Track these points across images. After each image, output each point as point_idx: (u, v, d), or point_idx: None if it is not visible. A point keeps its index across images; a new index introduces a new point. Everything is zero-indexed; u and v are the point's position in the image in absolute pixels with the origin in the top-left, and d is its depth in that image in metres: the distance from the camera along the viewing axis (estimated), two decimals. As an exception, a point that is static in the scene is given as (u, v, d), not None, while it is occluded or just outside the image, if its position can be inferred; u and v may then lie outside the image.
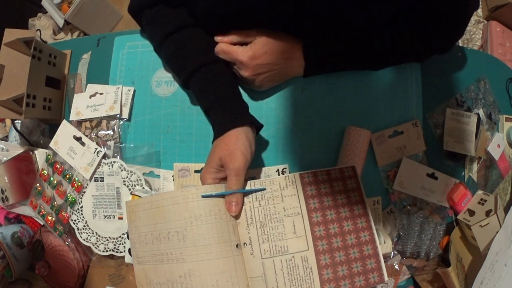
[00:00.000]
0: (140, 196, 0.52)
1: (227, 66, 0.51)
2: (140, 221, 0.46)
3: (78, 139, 0.57)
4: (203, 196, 0.44)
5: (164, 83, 0.59)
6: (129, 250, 0.54)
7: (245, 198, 0.47)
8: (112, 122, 0.58)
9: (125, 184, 0.55)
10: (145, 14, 0.53)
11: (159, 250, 0.45)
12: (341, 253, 0.45)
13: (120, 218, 0.56)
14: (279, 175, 0.54)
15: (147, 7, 0.52)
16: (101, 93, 0.59)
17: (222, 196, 0.45)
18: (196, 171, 0.55)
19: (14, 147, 0.63)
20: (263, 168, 0.55)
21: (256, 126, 0.49)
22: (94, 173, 0.56)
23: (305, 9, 0.44)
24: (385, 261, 0.54)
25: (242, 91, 0.57)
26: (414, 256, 0.55)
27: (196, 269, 0.43)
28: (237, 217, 0.46)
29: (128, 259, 0.54)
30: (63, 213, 0.57)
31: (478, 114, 0.59)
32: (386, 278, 0.46)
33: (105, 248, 0.56)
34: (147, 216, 0.46)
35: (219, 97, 0.49)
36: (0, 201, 0.61)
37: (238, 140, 0.45)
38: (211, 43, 0.50)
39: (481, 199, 0.55)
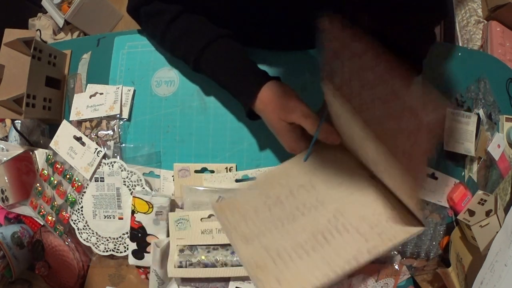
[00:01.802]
0: (141, 198, 0.52)
1: (233, 39, 0.50)
2: (246, 202, 0.41)
3: (78, 139, 0.57)
4: (305, 160, 0.42)
5: (164, 83, 0.59)
6: (132, 252, 0.54)
7: None
8: (112, 122, 0.58)
9: (125, 184, 0.55)
10: (143, 10, 0.53)
11: (284, 212, 0.40)
12: None
13: (120, 218, 0.56)
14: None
15: (144, 4, 0.52)
16: (101, 93, 0.59)
17: (317, 142, 0.42)
18: (196, 171, 0.55)
19: (14, 147, 0.63)
20: (263, 169, 0.55)
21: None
22: (94, 173, 0.56)
23: None
24: (385, 261, 0.54)
25: (242, 91, 0.57)
26: (414, 256, 0.55)
27: (343, 207, 0.39)
28: (345, 144, 0.42)
29: (131, 260, 0.54)
30: (63, 213, 0.57)
31: (478, 114, 0.59)
32: None
33: (105, 248, 0.56)
34: (252, 195, 0.42)
35: (237, 67, 0.48)
36: (0, 201, 0.61)
37: (274, 92, 0.43)
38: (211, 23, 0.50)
39: (481, 199, 0.55)
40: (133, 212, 0.53)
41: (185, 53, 0.52)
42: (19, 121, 0.63)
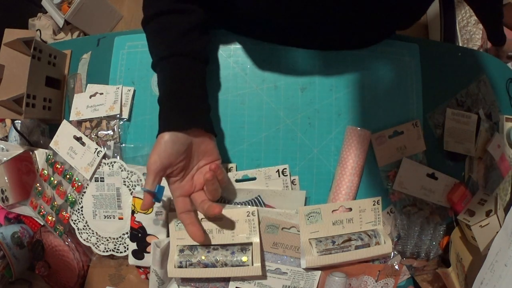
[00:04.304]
0: (141, 198, 0.52)
1: (190, 61, 0.49)
2: None
3: (79, 139, 0.57)
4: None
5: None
6: (132, 252, 0.54)
7: None
8: (112, 122, 0.58)
9: (125, 184, 0.55)
10: None
11: None
12: None
13: (121, 218, 0.56)
14: (279, 176, 0.54)
15: None
16: (101, 93, 0.59)
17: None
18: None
19: (14, 147, 0.63)
20: (263, 169, 0.55)
21: (204, 130, 0.48)
22: (94, 173, 0.56)
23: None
24: (385, 261, 0.54)
25: (242, 91, 0.57)
26: (414, 256, 0.55)
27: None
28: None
29: (131, 260, 0.54)
30: (63, 213, 0.57)
31: (478, 114, 0.59)
32: None
33: (105, 248, 0.56)
34: None
35: (165, 94, 0.48)
36: (0, 201, 0.61)
37: (160, 145, 0.45)
38: (192, 33, 0.49)
39: (481, 199, 0.55)
40: (133, 212, 0.53)
41: (151, 49, 0.51)
42: (19, 121, 0.63)
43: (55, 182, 0.58)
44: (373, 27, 0.53)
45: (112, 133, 0.58)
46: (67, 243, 0.58)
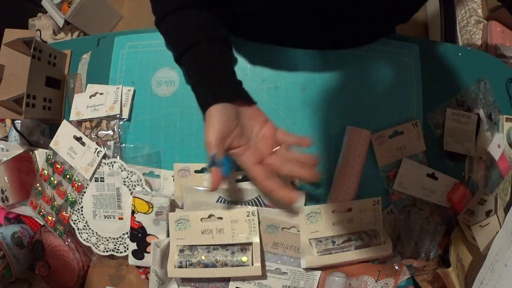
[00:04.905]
0: (141, 198, 0.52)
1: (218, 44, 0.50)
2: None
3: (79, 139, 0.57)
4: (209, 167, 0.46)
5: (164, 83, 0.59)
6: (132, 252, 0.54)
7: None
8: (112, 122, 0.58)
9: (125, 184, 0.55)
10: None
11: None
12: None
13: (120, 218, 0.55)
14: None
15: None
16: (101, 93, 0.59)
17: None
18: (196, 171, 0.55)
19: (14, 147, 0.63)
20: (263, 168, 0.54)
21: (244, 100, 0.49)
22: (94, 173, 0.56)
23: None
24: (385, 261, 0.54)
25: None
26: (414, 256, 0.55)
27: None
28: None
29: (131, 260, 0.54)
30: (63, 213, 0.57)
31: (478, 114, 0.59)
32: None
33: (105, 248, 0.56)
34: None
35: (201, 76, 0.49)
36: (0, 201, 0.61)
37: (212, 117, 0.45)
38: (214, 22, 0.50)
39: (481, 199, 0.55)
40: (133, 212, 0.53)
41: (172, 46, 0.52)
42: (19, 121, 0.63)
43: (55, 182, 0.58)
44: (371, 21, 0.52)
45: (112, 133, 0.58)
46: (67, 243, 0.58)
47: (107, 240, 0.56)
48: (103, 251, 0.56)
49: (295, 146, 0.49)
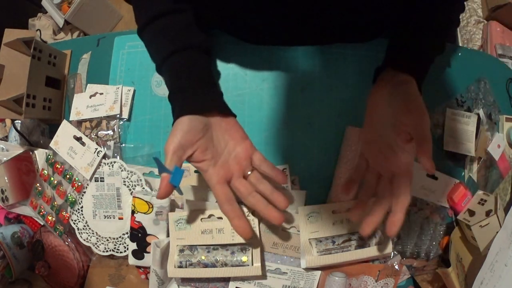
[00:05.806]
0: (141, 198, 0.52)
1: (190, 54, 0.49)
2: None
3: (78, 139, 0.57)
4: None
5: (164, 83, 0.59)
6: (132, 252, 0.54)
7: None
8: (112, 122, 0.58)
9: (125, 184, 0.55)
10: None
11: None
12: None
13: (121, 218, 0.55)
14: (279, 175, 0.54)
15: None
16: (101, 93, 0.59)
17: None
18: (196, 171, 0.55)
19: (14, 147, 0.63)
20: (263, 168, 0.54)
21: (219, 111, 0.48)
22: (94, 173, 0.56)
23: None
24: (385, 261, 0.54)
25: (242, 91, 0.57)
26: (414, 256, 0.55)
27: None
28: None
29: (131, 260, 0.54)
30: (63, 213, 0.57)
31: (478, 114, 0.59)
32: None
33: (105, 248, 0.56)
34: None
35: (172, 89, 0.49)
36: (0, 201, 0.61)
37: (175, 127, 0.45)
38: (188, 29, 0.49)
39: (481, 199, 0.55)
40: (133, 212, 0.53)
41: (152, 59, 0.52)
42: (19, 121, 0.63)
43: (55, 182, 0.58)
44: (358, 17, 0.52)
45: (112, 133, 0.58)
46: (67, 243, 0.58)
47: (107, 240, 0.56)
48: (103, 251, 0.56)
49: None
